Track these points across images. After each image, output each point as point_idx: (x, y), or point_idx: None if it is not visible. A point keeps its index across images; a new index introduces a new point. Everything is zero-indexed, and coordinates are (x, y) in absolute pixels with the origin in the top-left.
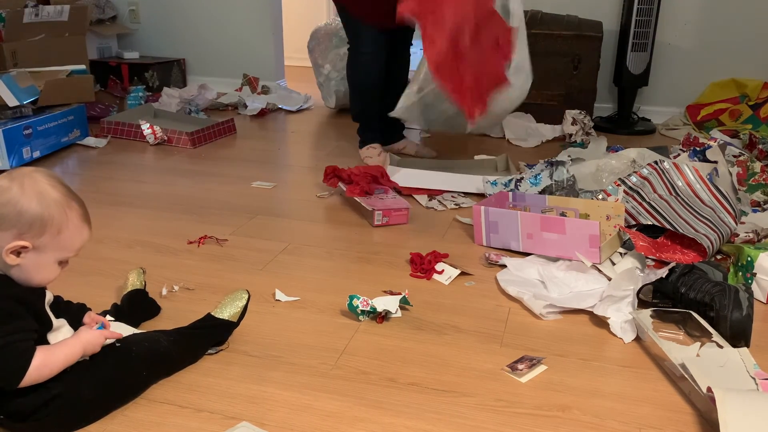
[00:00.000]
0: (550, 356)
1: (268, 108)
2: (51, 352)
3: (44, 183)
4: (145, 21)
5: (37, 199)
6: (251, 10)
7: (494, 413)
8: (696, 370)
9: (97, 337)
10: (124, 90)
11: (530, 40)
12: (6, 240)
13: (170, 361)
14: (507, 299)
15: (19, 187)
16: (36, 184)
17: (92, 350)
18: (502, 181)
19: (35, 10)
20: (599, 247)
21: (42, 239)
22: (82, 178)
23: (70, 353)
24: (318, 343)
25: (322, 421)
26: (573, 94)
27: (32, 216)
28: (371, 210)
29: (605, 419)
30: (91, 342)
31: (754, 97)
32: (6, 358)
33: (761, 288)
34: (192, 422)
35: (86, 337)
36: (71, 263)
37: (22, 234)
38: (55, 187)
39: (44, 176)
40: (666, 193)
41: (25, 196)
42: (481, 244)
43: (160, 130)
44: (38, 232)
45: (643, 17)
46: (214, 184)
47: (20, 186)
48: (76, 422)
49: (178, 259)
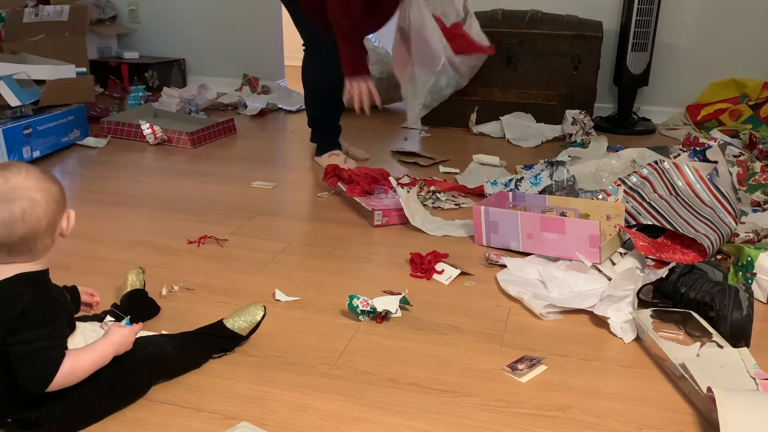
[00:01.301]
0: (550, 356)
1: (268, 108)
2: (80, 358)
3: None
4: (145, 21)
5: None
6: (251, 10)
7: (494, 413)
8: (696, 370)
9: (127, 335)
10: (124, 90)
11: (530, 40)
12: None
13: (174, 365)
14: (507, 299)
15: (26, 175)
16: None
17: (124, 349)
18: (502, 181)
19: (35, 10)
20: (599, 247)
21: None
22: (82, 178)
23: (99, 357)
24: (318, 343)
25: (322, 421)
26: (573, 94)
27: (60, 192)
28: (371, 210)
29: (605, 419)
30: (122, 343)
31: (754, 97)
32: (37, 363)
33: (761, 288)
34: (192, 422)
35: (117, 338)
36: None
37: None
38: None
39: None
40: (666, 193)
41: (41, 179)
42: (481, 244)
43: (160, 130)
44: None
45: (643, 17)
46: (214, 184)
47: (26, 176)
48: (77, 425)
49: (178, 259)
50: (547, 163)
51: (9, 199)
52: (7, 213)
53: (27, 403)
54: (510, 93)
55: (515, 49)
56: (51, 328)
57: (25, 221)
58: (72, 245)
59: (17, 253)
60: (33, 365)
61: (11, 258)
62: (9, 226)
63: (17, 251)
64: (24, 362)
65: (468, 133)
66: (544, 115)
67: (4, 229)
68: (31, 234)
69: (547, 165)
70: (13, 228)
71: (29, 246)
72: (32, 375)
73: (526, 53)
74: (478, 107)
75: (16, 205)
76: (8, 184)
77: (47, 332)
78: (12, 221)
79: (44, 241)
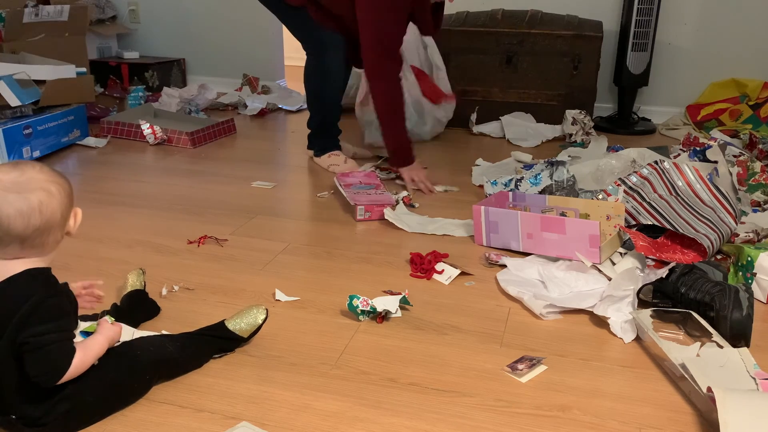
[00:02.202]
0: (550, 356)
1: (268, 108)
2: (86, 352)
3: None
4: (145, 21)
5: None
6: (251, 10)
7: (494, 413)
8: (696, 370)
9: (117, 331)
10: (124, 90)
11: (530, 40)
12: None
13: (175, 366)
14: (507, 299)
15: (40, 169)
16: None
17: (114, 343)
18: (502, 181)
19: (35, 10)
20: (599, 247)
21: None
22: (82, 178)
23: (99, 351)
24: (318, 343)
25: (322, 421)
26: (573, 94)
27: (70, 188)
28: (353, 204)
29: (605, 419)
30: (113, 338)
31: (754, 97)
32: (50, 356)
33: (761, 288)
34: (192, 422)
35: (109, 334)
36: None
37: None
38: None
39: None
40: (666, 193)
41: (53, 173)
42: (481, 244)
43: (160, 130)
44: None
45: (643, 17)
46: (214, 184)
47: (40, 170)
48: (79, 425)
49: (178, 259)
50: (547, 163)
51: (27, 189)
52: (26, 203)
53: (32, 401)
54: (510, 93)
55: (515, 49)
56: (62, 322)
57: (42, 212)
58: (72, 245)
59: (30, 246)
60: (46, 357)
61: (23, 252)
62: (27, 217)
63: (30, 244)
64: (37, 354)
65: (468, 133)
66: (545, 115)
67: (21, 220)
68: (46, 226)
69: (547, 165)
70: (31, 219)
71: (42, 239)
72: (46, 367)
73: (526, 53)
74: (478, 107)
75: (33, 195)
76: (25, 176)
77: (58, 325)
78: (30, 212)
79: (56, 235)
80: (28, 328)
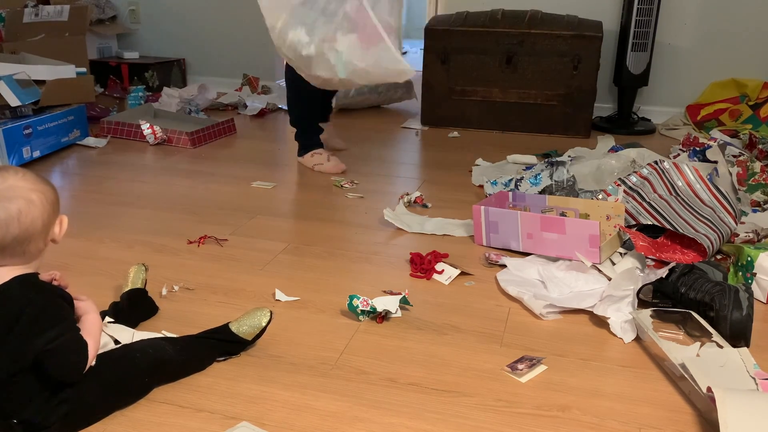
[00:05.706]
0: (550, 356)
1: (268, 108)
2: (92, 336)
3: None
4: (145, 21)
5: (44, 182)
6: (251, 10)
7: (494, 413)
8: (696, 370)
9: (91, 302)
10: (124, 90)
11: (530, 40)
12: (55, 225)
13: (174, 369)
14: (507, 299)
15: (22, 176)
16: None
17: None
18: (502, 181)
19: (35, 10)
20: (599, 247)
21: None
22: (82, 178)
23: (99, 326)
24: (318, 343)
25: (322, 421)
26: (573, 94)
27: (55, 195)
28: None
29: (605, 419)
30: (95, 308)
31: (754, 97)
32: (69, 354)
33: (761, 288)
34: (192, 422)
35: (93, 307)
36: (71, 263)
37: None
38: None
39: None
40: (666, 193)
41: (37, 181)
42: (481, 244)
43: (160, 130)
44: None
45: (643, 17)
46: (214, 184)
47: (22, 177)
48: (78, 426)
49: (178, 259)
50: (547, 163)
51: (6, 197)
52: (4, 212)
53: (32, 405)
54: (510, 93)
55: (515, 49)
56: (69, 321)
57: (20, 221)
58: (72, 245)
59: (10, 255)
60: (67, 358)
61: (4, 260)
62: (4, 226)
63: (10, 253)
64: (59, 358)
65: (468, 133)
66: (545, 115)
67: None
68: (25, 235)
69: (547, 165)
70: (9, 227)
71: (23, 247)
72: (69, 365)
73: (526, 53)
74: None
75: (12, 204)
76: (5, 183)
77: (67, 325)
78: (8, 220)
79: (38, 244)
80: (41, 335)
